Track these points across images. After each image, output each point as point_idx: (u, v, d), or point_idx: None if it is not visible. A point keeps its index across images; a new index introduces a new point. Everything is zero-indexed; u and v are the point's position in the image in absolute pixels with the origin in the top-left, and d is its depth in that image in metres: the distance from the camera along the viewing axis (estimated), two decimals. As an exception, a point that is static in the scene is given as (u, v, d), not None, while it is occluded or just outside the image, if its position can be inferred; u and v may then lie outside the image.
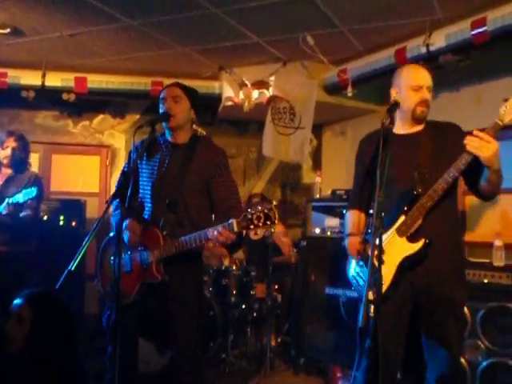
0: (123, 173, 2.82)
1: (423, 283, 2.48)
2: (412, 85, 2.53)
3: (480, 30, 3.58)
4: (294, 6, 3.78)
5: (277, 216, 2.40)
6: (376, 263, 2.18)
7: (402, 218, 2.48)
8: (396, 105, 2.46)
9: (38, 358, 2.42)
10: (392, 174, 2.44)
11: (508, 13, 3.46)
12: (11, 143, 4.15)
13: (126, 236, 2.77)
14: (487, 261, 3.66)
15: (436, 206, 2.43)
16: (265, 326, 4.49)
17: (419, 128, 2.60)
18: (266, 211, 2.38)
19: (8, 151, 4.13)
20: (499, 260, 3.61)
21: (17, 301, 2.48)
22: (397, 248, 2.47)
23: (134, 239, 2.77)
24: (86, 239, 2.22)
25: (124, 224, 2.76)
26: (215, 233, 2.52)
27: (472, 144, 2.28)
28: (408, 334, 2.56)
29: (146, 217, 2.85)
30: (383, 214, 2.17)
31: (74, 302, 5.17)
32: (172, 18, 4.00)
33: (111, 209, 2.96)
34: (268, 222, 2.39)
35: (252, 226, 2.42)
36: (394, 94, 2.57)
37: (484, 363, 3.36)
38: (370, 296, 2.20)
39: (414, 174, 2.47)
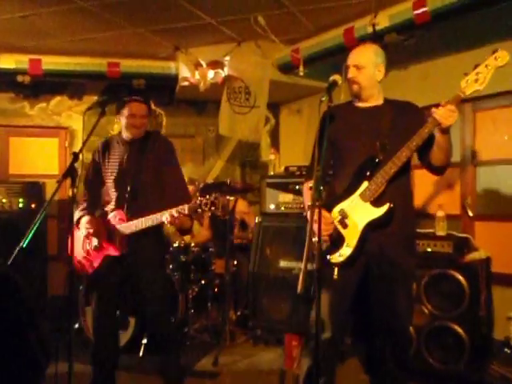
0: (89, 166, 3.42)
1: (375, 248, 2.59)
2: (345, 65, 2.73)
3: (421, 10, 3.72)
4: (243, -13, 3.86)
5: (220, 203, 2.85)
6: (313, 235, 2.36)
7: (365, 183, 2.58)
8: (334, 84, 2.54)
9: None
10: (354, 143, 2.66)
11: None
12: None
13: (83, 232, 3.27)
14: (431, 231, 3.86)
15: (396, 174, 2.55)
16: (224, 301, 4.64)
17: (378, 102, 2.74)
18: (212, 199, 2.85)
19: None
20: (441, 230, 3.81)
21: None
22: (361, 212, 2.58)
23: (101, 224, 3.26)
24: (38, 216, 2.31)
25: (83, 220, 3.26)
26: (169, 216, 2.97)
27: (439, 113, 2.40)
28: (357, 299, 2.69)
29: (111, 206, 3.30)
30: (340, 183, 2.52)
31: (37, 282, 5.23)
32: (122, -1, 4.03)
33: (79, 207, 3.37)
34: (213, 208, 2.85)
35: (200, 210, 2.88)
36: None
37: (428, 327, 3.57)
38: (334, 259, 2.54)
39: (376, 143, 2.59)
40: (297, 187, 4.26)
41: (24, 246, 2.22)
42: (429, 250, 3.70)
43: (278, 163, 4.93)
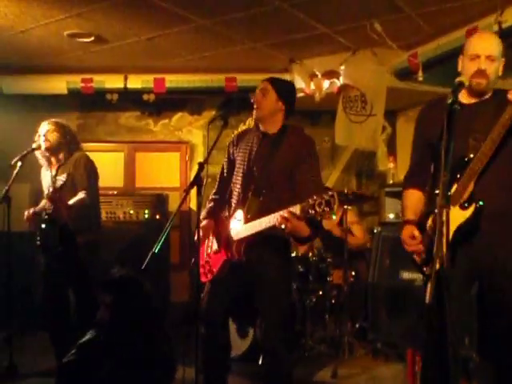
0: (199, 164, 3.04)
1: (487, 259, 2.38)
2: (469, 54, 2.43)
3: (555, 3, 3.46)
4: (359, -6, 3.83)
5: (337, 203, 2.44)
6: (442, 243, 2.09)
7: (455, 186, 2.37)
8: (460, 85, 2.38)
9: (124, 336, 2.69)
10: (458, 145, 2.31)
11: None
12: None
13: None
14: None
15: (488, 169, 2.31)
16: (342, 312, 4.57)
17: (484, 97, 2.49)
18: (326, 198, 2.45)
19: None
20: None
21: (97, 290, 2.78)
22: (452, 218, 2.28)
23: (222, 227, 3.01)
24: (167, 225, 2.42)
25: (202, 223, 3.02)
26: (278, 218, 2.60)
27: None
28: (479, 316, 2.51)
29: (233, 201, 3.04)
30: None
31: (160, 290, 5.49)
32: (241, 15, 4.16)
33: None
34: (327, 209, 2.45)
35: (312, 211, 2.48)
36: (459, 63, 2.50)
37: None
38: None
39: (469, 140, 2.37)
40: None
41: (156, 251, 2.31)
42: None
43: (396, 172, 4.80)
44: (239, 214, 2.90)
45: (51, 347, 3.98)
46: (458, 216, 2.34)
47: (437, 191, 2.22)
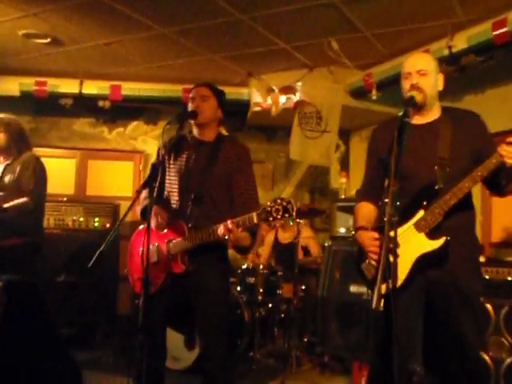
0: (152, 165, 2.97)
1: (437, 275, 2.41)
2: (403, 73, 2.49)
3: (501, 30, 3.64)
4: (318, 12, 3.91)
5: (295, 209, 2.46)
6: (390, 255, 2.14)
7: (421, 212, 2.39)
8: (410, 99, 2.42)
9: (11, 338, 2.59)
10: (409, 168, 2.41)
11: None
12: None
13: (153, 222, 2.86)
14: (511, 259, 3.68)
15: (457, 204, 2.35)
16: (291, 326, 4.57)
17: (435, 116, 2.53)
18: (284, 204, 2.46)
19: None
20: (523, 258, 3.62)
21: None
22: (414, 243, 2.38)
23: (161, 223, 2.87)
24: (117, 224, 2.37)
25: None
26: (222, 229, 2.60)
27: (506, 150, 2.20)
28: (424, 328, 2.49)
29: (172, 211, 2.95)
30: (398, 205, 2.13)
31: (107, 301, 5.37)
32: (201, 24, 4.19)
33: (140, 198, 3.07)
34: (286, 215, 2.46)
35: (271, 218, 2.48)
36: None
37: (508, 360, 3.34)
38: (383, 289, 2.15)
39: (434, 168, 2.39)
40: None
41: (102, 250, 2.26)
42: (509, 278, 3.51)
43: (348, 187, 4.88)
44: (179, 225, 2.83)
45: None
46: (422, 243, 2.38)
47: (386, 200, 2.25)
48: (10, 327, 2.64)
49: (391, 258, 2.17)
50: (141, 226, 3.14)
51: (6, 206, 3.69)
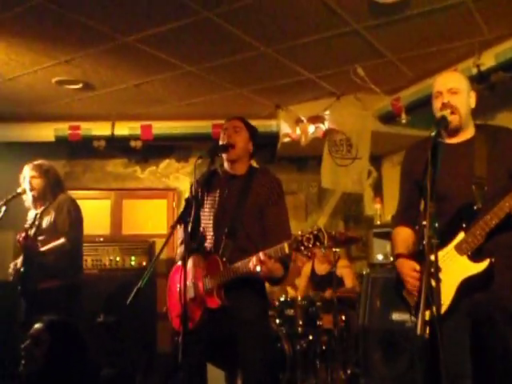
0: (186, 200, 2.98)
1: (482, 296, 2.32)
2: (434, 93, 2.48)
3: (529, 45, 3.59)
4: (342, 40, 3.94)
5: (326, 237, 2.44)
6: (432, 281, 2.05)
7: (462, 234, 2.33)
8: (443, 119, 2.39)
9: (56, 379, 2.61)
10: (445, 188, 2.35)
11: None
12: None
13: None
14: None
15: (499, 224, 2.27)
16: (334, 358, 4.46)
17: (469, 135, 2.49)
18: (315, 233, 2.44)
19: None
20: None
21: (37, 325, 2.72)
22: (457, 267, 2.31)
23: (198, 272, 2.88)
24: (153, 260, 2.37)
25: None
26: (254, 261, 2.61)
27: None
28: (473, 354, 2.38)
29: (207, 246, 2.96)
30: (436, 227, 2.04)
31: (146, 340, 5.36)
32: (227, 60, 4.25)
33: (178, 242, 3.15)
34: (317, 243, 2.44)
35: (302, 247, 2.47)
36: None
37: None
38: (427, 316, 2.06)
39: (472, 188, 2.34)
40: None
41: (141, 286, 2.26)
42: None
43: (383, 213, 4.81)
44: (214, 259, 2.83)
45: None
46: (466, 266, 2.31)
47: (424, 222, 2.19)
48: (54, 367, 2.65)
49: (433, 283, 2.07)
50: (178, 263, 3.15)
51: (43, 249, 3.79)
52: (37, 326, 2.73)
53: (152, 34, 3.76)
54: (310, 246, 2.45)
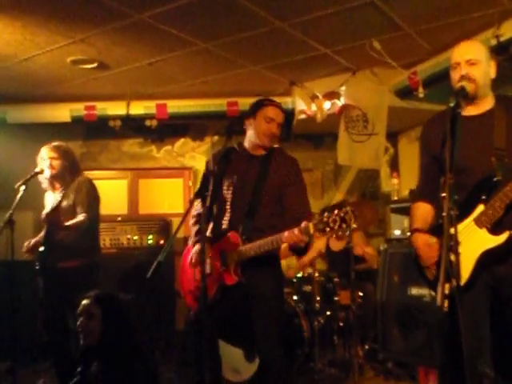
0: (204, 175, 3.01)
1: (504, 271, 2.33)
2: (451, 64, 2.45)
3: (551, 14, 3.50)
4: (357, 12, 3.86)
5: (353, 219, 2.42)
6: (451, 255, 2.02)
7: (481, 207, 2.31)
8: (462, 89, 2.34)
9: (116, 350, 2.75)
10: (464, 161, 2.32)
11: None
12: None
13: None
14: None
15: None
16: (351, 333, 4.47)
17: (489, 105, 2.44)
18: (342, 214, 2.42)
19: None
20: None
21: (85, 301, 2.83)
22: (476, 240, 2.30)
23: (215, 249, 2.94)
24: (172, 237, 2.39)
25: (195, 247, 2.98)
26: (290, 235, 2.62)
27: None
28: (494, 331, 2.40)
29: (223, 223, 3.01)
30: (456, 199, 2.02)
31: (165, 317, 5.43)
32: (241, 36, 4.20)
33: (190, 222, 3.22)
34: (344, 225, 2.42)
35: (328, 229, 2.46)
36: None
37: None
38: (446, 289, 2.03)
39: (491, 159, 2.31)
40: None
41: (161, 260, 2.27)
42: None
43: (400, 188, 4.78)
44: (233, 237, 2.88)
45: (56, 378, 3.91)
46: (485, 239, 2.30)
47: (443, 194, 2.16)
48: (109, 337, 2.79)
49: (453, 257, 2.05)
50: (189, 242, 3.18)
51: (66, 224, 3.83)
52: (84, 302, 2.83)
53: (166, 11, 3.71)
54: (336, 227, 2.44)
